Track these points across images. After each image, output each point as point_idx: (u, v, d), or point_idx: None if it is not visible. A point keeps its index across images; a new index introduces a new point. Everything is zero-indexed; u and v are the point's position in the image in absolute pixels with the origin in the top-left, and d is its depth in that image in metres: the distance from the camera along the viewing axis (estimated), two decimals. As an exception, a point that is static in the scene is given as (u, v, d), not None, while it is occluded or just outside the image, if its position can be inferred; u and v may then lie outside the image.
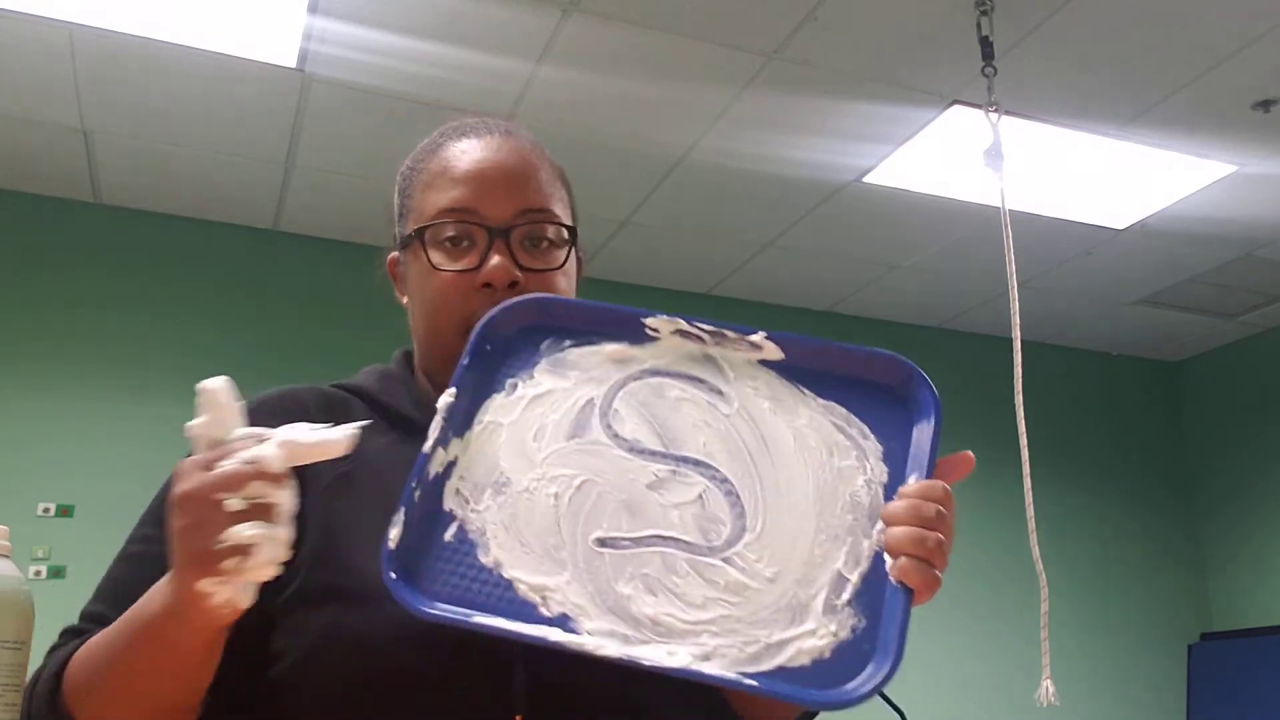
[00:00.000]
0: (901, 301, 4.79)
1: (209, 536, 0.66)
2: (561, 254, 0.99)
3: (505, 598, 0.78)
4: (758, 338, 0.86)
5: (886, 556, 0.76)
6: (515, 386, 0.88)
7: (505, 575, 0.79)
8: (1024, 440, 2.42)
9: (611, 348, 0.88)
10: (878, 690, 0.73)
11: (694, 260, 4.40)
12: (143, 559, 0.88)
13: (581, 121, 3.38)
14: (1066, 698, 2.68)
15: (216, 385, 0.71)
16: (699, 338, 0.88)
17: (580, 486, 0.82)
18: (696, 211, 3.99)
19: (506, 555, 0.80)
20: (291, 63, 3.10)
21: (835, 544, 0.79)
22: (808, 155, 3.58)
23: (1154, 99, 3.25)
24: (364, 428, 0.94)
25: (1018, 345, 2.48)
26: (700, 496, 0.82)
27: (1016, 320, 2.52)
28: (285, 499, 0.69)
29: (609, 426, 0.85)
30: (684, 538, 0.80)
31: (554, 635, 0.75)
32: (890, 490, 0.80)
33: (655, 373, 0.87)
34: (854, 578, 0.77)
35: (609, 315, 0.90)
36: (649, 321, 0.88)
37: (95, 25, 2.92)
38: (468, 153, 0.99)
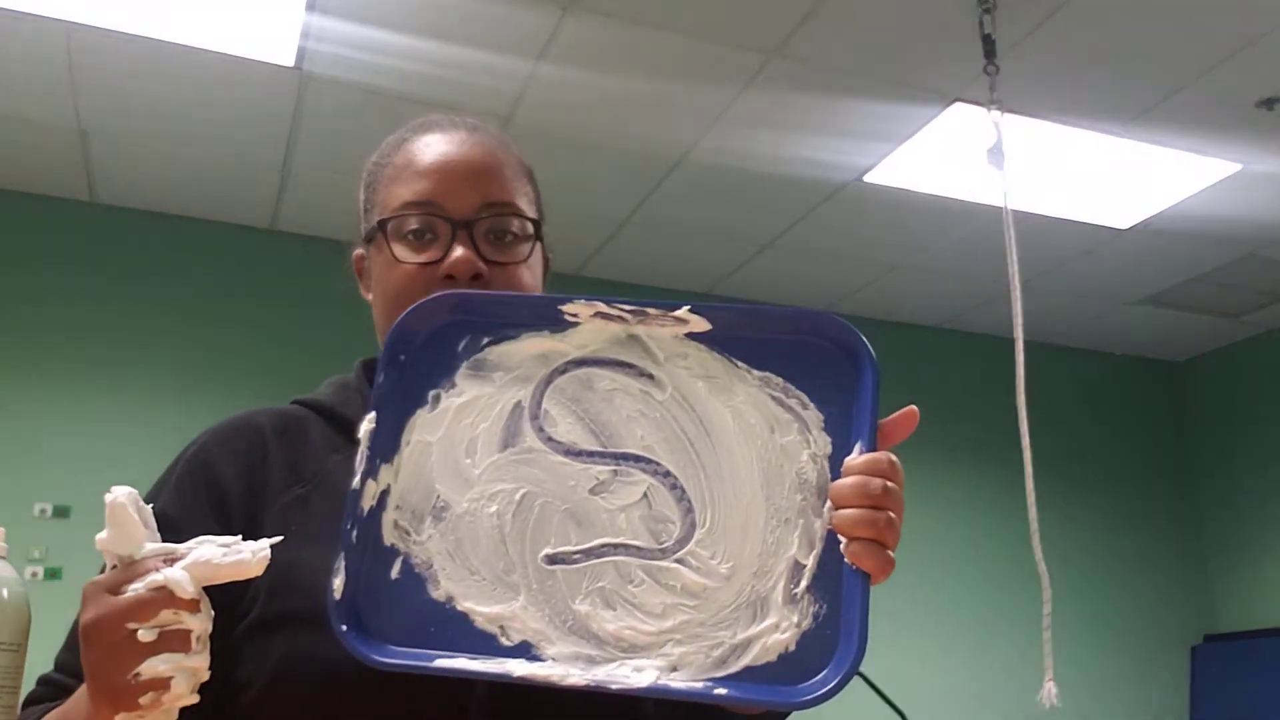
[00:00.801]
0: (901, 301, 4.78)
1: (122, 671, 0.64)
2: (526, 248, 0.97)
3: (462, 632, 0.76)
4: (681, 312, 0.82)
5: (840, 536, 0.75)
6: (438, 399, 0.84)
7: (459, 608, 0.77)
8: (1026, 441, 2.41)
9: (532, 340, 0.84)
10: (844, 683, 0.71)
11: (694, 260, 4.39)
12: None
13: (581, 121, 3.36)
14: (1069, 699, 2.67)
15: (121, 498, 0.68)
16: (621, 318, 0.83)
17: (521, 500, 0.80)
18: (696, 211, 3.98)
19: (457, 587, 0.78)
20: (289, 62, 3.08)
21: (787, 529, 0.77)
22: (808, 154, 3.56)
23: (1157, 97, 3.24)
24: (319, 447, 0.93)
25: (1020, 345, 2.47)
26: (645, 496, 0.79)
27: (1019, 320, 2.51)
28: (200, 624, 0.66)
29: (541, 430, 0.82)
30: (634, 543, 0.78)
31: (518, 670, 0.74)
32: (835, 462, 0.77)
33: (581, 363, 0.84)
34: (810, 562, 0.75)
35: (524, 304, 0.87)
36: (566, 308, 0.84)
37: (92, 24, 2.90)
38: (431, 146, 0.98)
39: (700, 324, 0.83)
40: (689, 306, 0.82)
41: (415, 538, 0.79)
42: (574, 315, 0.84)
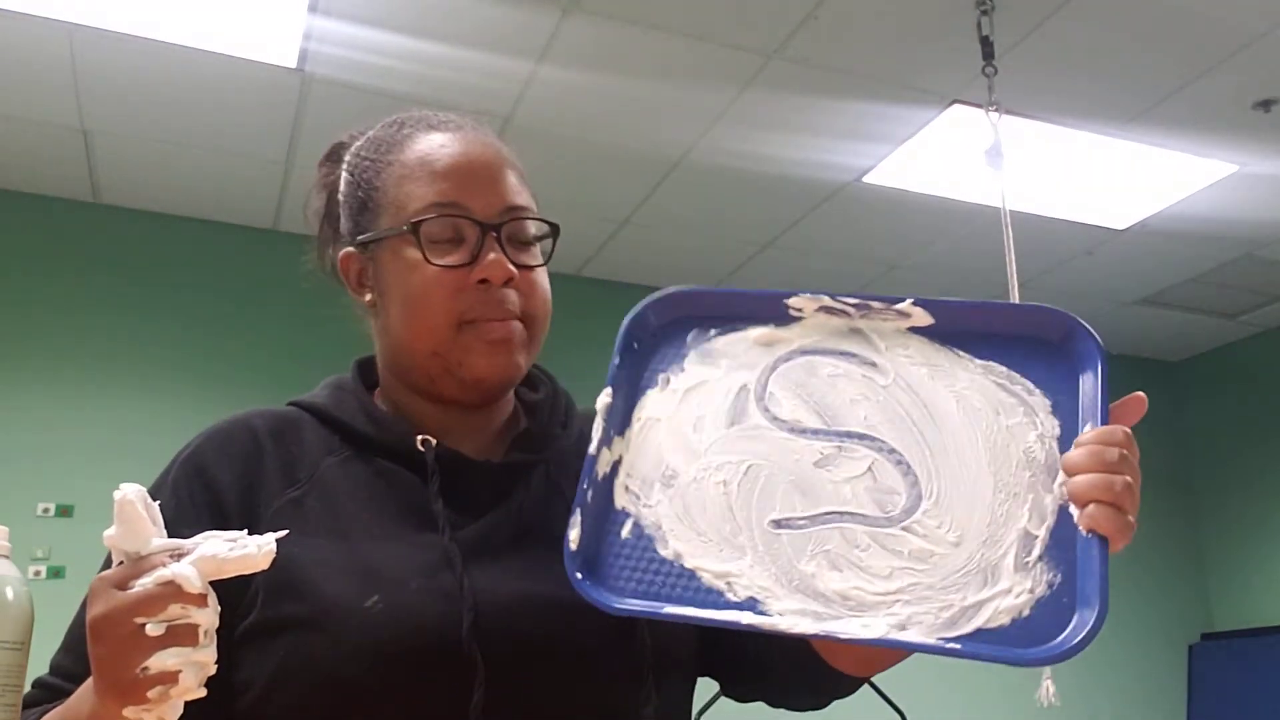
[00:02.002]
0: (902, 301, 4.79)
1: (130, 666, 0.64)
2: (540, 251, 0.97)
3: (691, 587, 0.78)
4: (905, 305, 0.85)
5: (1073, 508, 0.73)
6: (668, 381, 0.88)
7: (687, 565, 0.79)
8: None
9: (758, 332, 0.88)
10: (1088, 641, 0.69)
11: (694, 260, 4.40)
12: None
13: (581, 121, 3.37)
14: (1067, 697, 2.68)
15: (130, 495, 0.68)
16: (844, 312, 0.87)
17: (748, 471, 0.82)
18: (696, 211, 3.99)
19: (685, 546, 0.80)
20: (291, 63, 3.09)
21: (1016, 502, 0.76)
22: (808, 155, 3.57)
23: (1155, 98, 3.25)
24: (314, 449, 0.93)
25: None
26: (870, 469, 0.80)
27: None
28: (207, 618, 0.66)
29: (766, 410, 0.85)
30: (860, 511, 0.79)
31: (745, 619, 0.75)
32: (1065, 444, 0.77)
33: (805, 352, 0.87)
34: (1041, 533, 0.74)
35: (752, 300, 0.90)
36: (791, 302, 0.88)
37: (95, 25, 2.91)
38: (446, 147, 0.96)
39: (923, 318, 0.85)
40: (912, 300, 0.85)
41: (645, 501, 0.82)
42: (798, 309, 0.88)
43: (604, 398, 0.86)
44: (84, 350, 3.76)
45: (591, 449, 0.84)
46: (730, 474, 0.82)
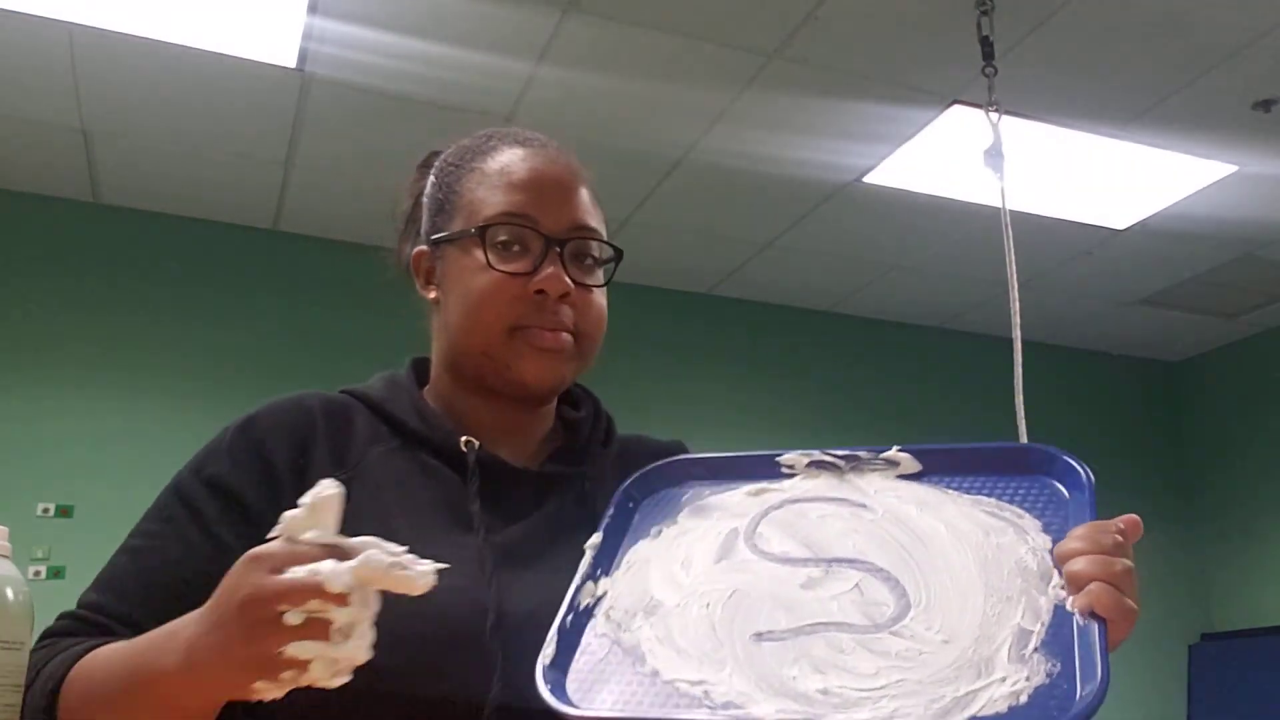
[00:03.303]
0: (901, 301, 4.79)
1: (270, 646, 0.66)
2: (603, 273, 1.02)
3: (665, 693, 0.76)
4: (892, 453, 0.87)
5: (1069, 603, 0.71)
6: (660, 532, 0.90)
7: (665, 679, 0.77)
8: (1024, 440, 2.42)
9: (750, 487, 0.91)
10: (1094, 708, 0.65)
11: (694, 260, 4.41)
12: (146, 553, 0.89)
13: (581, 121, 3.38)
14: (1067, 698, 2.68)
15: (332, 492, 0.70)
16: (834, 465, 0.89)
17: (732, 595, 0.81)
18: (696, 211, 3.99)
19: (664, 664, 0.78)
20: (291, 63, 3.10)
21: (1009, 604, 0.73)
22: (808, 155, 3.58)
23: (1154, 99, 3.25)
24: (363, 437, 0.95)
25: (1018, 345, 2.48)
26: (857, 585, 0.79)
27: (1017, 320, 2.52)
28: (344, 617, 0.67)
29: (755, 546, 0.85)
30: (847, 621, 0.76)
31: (719, 716, 0.73)
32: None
33: (795, 500, 0.89)
34: (1037, 629, 0.71)
35: (745, 462, 0.93)
36: (783, 459, 0.91)
37: (95, 25, 2.92)
38: (526, 160, 1.01)
39: (911, 465, 0.87)
40: (898, 448, 0.87)
41: (626, 627, 0.81)
42: (790, 466, 0.91)
43: (595, 538, 0.88)
44: (84, 350, 3.76)
45: (575, 581, 0.84)
46: (715, 598, 0.81)
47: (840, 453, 0.88)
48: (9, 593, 0.82)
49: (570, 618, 0.82)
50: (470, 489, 0.92)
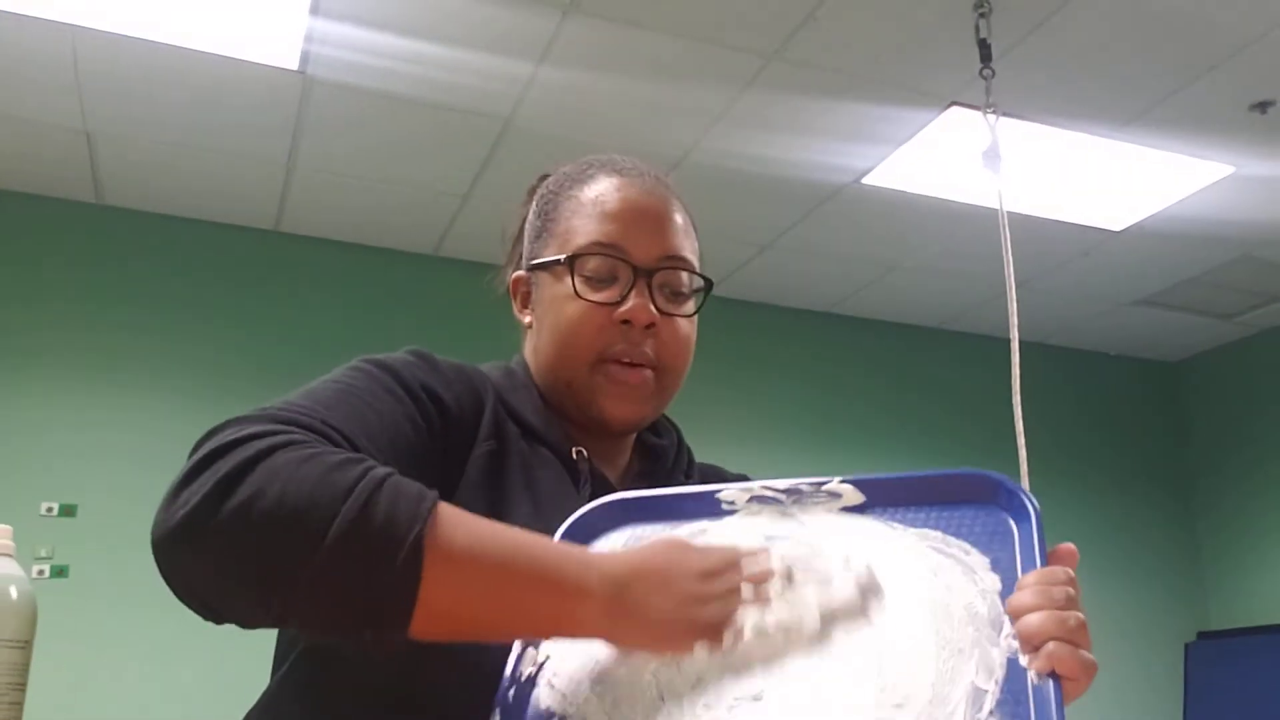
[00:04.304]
0: (901, 301, 4.80)
1: (725, 616, 0.72)
2: (692, 304, 1.04)
3: None
4: (834, 485, 0.85)
5: (1022, 658, 0.70)
6: None
7: None
8: (1022, 440, 2.44)
9: (691, 527, 0.87)
10: None
11: (694, 261, 4.41)
12: (355, 395, 0.84)
13: (581, 121, 3.39)
14: (1064, 696, 2.68)
15: (876, 585, 0.78)
16: (776, 500, 0.87)
17: (679, 663, 0.79)
18: (696, 211, 3.98)
19: None
20: (293, 65, 3.11)
21: (961, 658, 0.71)
22: (807, 156, 3.59)
23: (1152, 100, 3.26)
24: (500, 414, 0.97)
25: (1016, 346, 2.49)
26: None
27: (1014, 321, 2.53)
28: (760, 615, 0.75)
29: None
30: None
31: None
32: (1005, 599, 0.74)
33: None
34: (991, 687, 0.69)
35: (685, 500, 0.90)
36: (722, 495, 0.88)
37: (98, 28, 2.93)
38: (621, 190, 1.04)
39: (854, 496, 0.85)
40: (840, 479, 0.85)
41: (571, 700, 0.78)
42: (730, 502, 0.88)
43: None
44: (87, 350, 3.77)
45: (515, 648, 0.81)
46: (661, 662, 0.78)
47: (781, 486, 0.86)
48: (12, 592, 0.83)
49: (512, 691, 0.79)
50: (583, 493, 0.95)
